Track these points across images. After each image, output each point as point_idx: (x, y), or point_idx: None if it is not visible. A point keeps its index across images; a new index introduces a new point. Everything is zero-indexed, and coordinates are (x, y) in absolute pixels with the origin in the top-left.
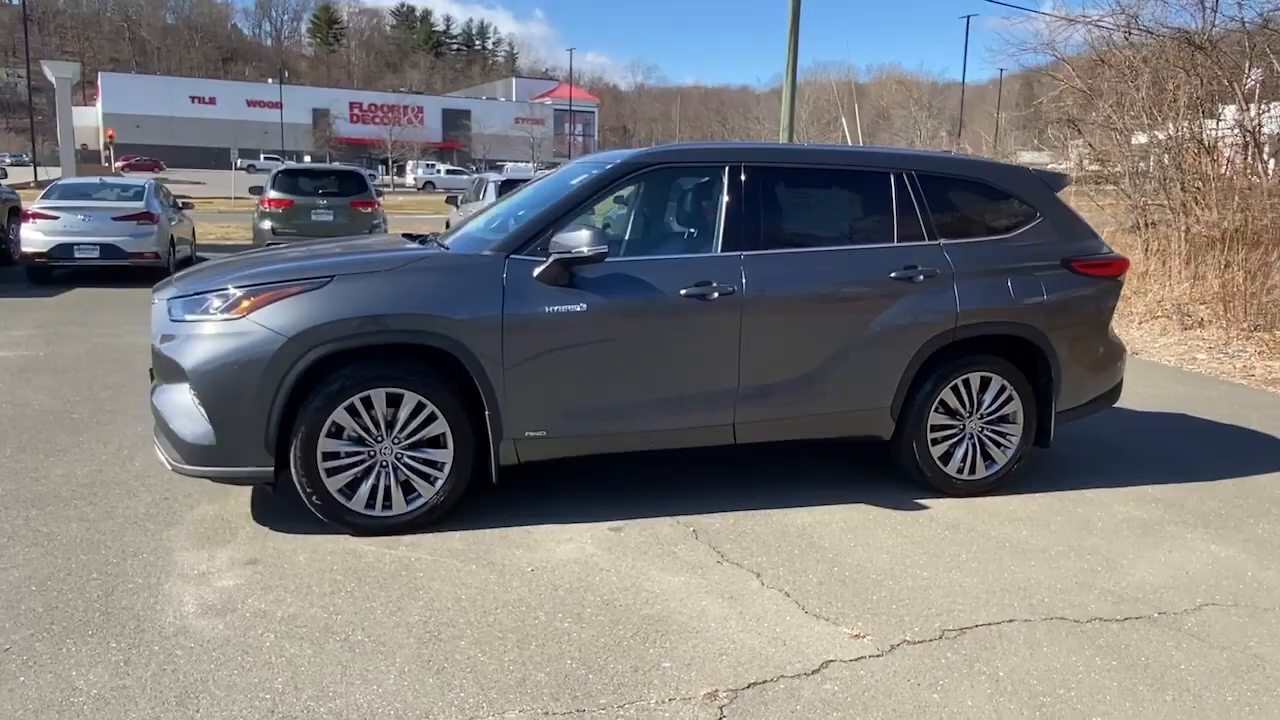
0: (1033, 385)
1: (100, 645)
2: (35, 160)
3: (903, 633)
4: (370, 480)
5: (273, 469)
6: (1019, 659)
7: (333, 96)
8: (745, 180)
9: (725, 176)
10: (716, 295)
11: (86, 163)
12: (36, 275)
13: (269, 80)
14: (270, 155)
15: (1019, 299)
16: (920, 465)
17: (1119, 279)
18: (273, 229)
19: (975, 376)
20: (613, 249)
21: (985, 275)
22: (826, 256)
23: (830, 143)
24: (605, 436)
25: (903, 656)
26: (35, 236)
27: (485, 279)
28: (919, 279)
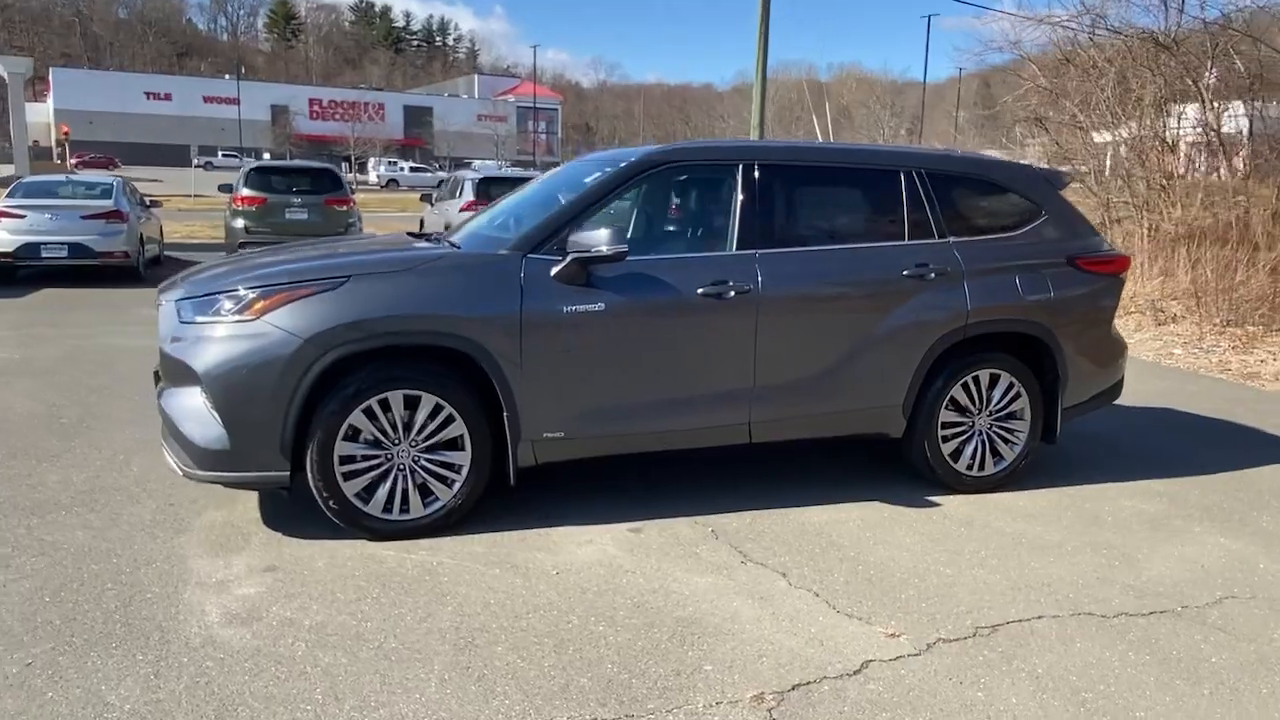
0: (1039, 382)
1: (126, 658)
2: None
3: (937, 631)
4: (387, 484)
5: (288, 473)
6: (1055, 655)
7: (292, 93)
8: (759, 178)
9: (739, 174)
10: (733, 294)
11: (39, 160)
12: (2, 275)
13: (226, 76)
14: (228, 152)
15: (1027, 296)
16: (931, 462)
17: (1121, 276)
18: (246, 227)
19: (985, 374)
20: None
21: (994, 273)
22: (840, 255)
23: (832, 141)
24: (623, 437)
25: (941, 655)
26: (0, 236)
27: (503, 279)
28: (930, 277)
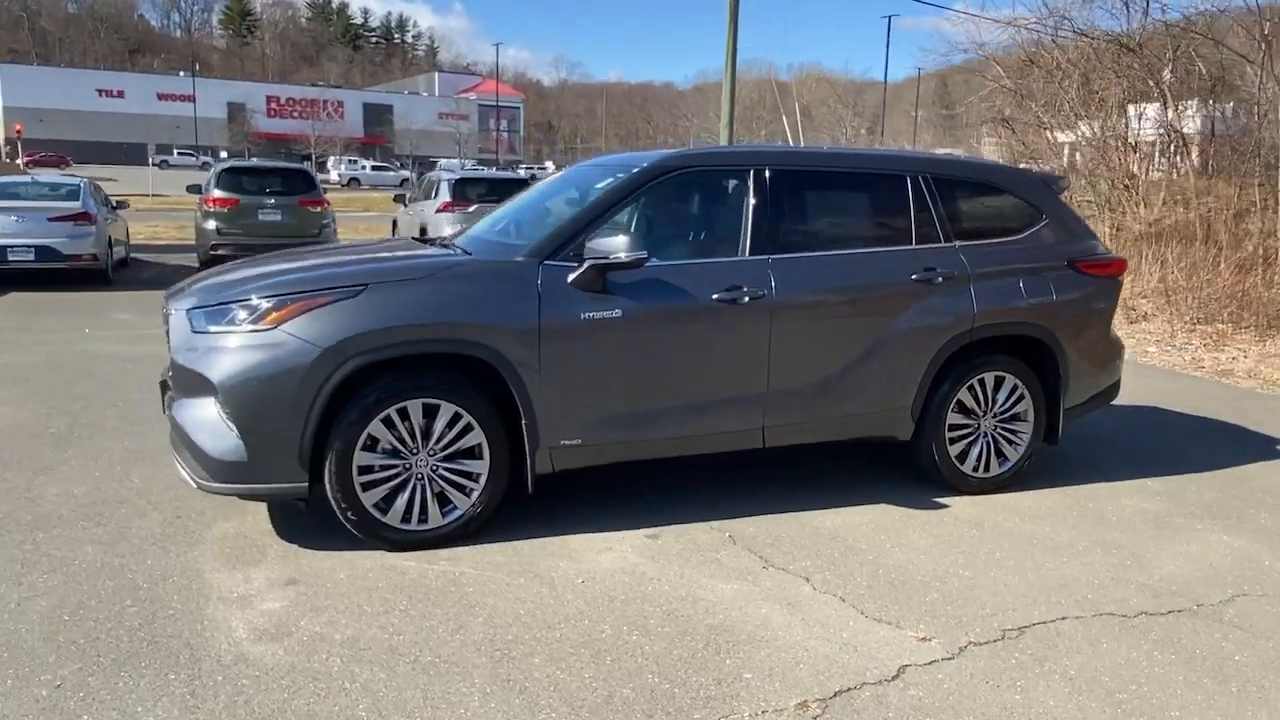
0: (1042, 383)
1: (158, 677)
2: None
3: (966, 634)
4: (406, 494)
5: (307, 484)
6: (1084, 656)
7: (249, 90)
8: (770, 183)
9: (751, 180)
10: (748, 299)
11: None
12: None
13: (180, 73)
14: (184, 151)
15: (1030, 299)
16: (939, 464)
17: (1119, 278)
18: (218, 229)
19: (990, 376)
20: None
21: (999, 276)
22: (851, 259)
23: (833, 144)
24: (638, 444)
25: (973, 658)
26: None
27: (521, 285)
28: (938, 281)
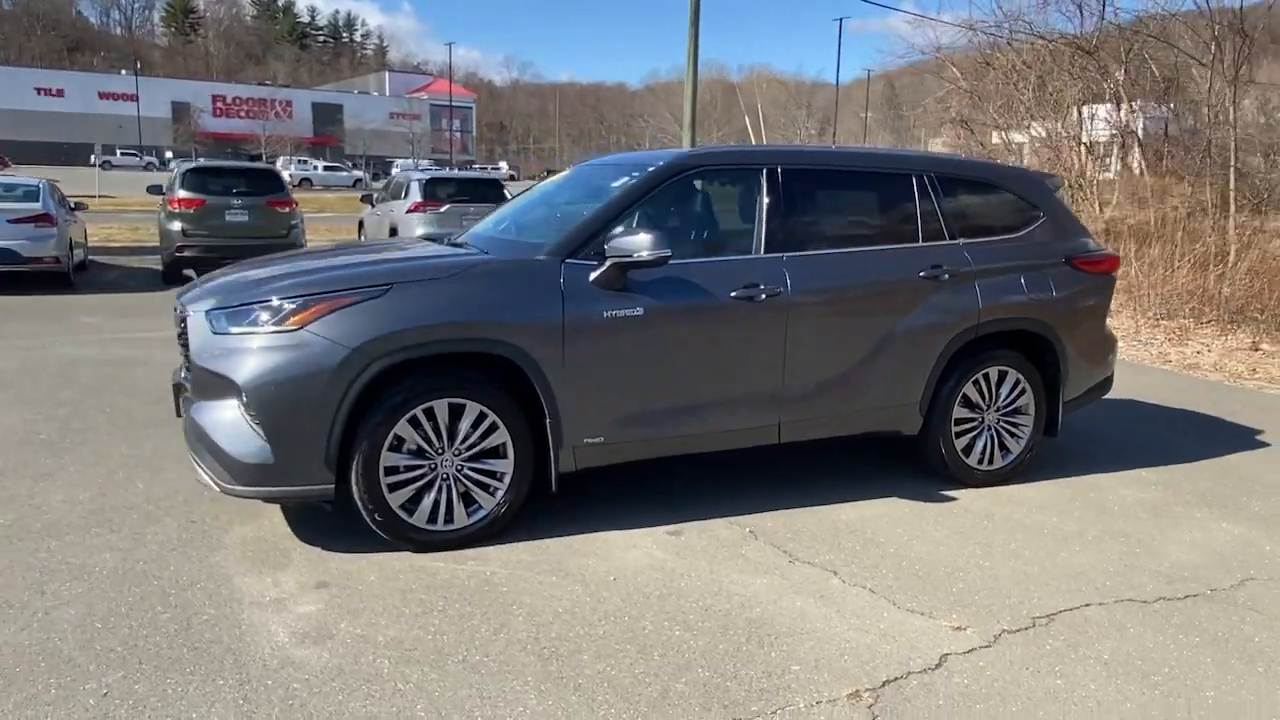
0: (1042, 377)
1: (207, 683)
2: None
3: (998, 623)
4: (432, 494)
5: (333, 486)
6: (1114, 641)
7: (194, 89)
8: (784, 182)
9: (764, 179)
10: (764, 296)
11: None
12: None
13: (122, 71)
14: (128, 151)
15: (1032, 295)
16: (946, 458)
17: (1113, 274)
18: (183, 230)
19: (994, 370)
20: None
21: (1001, 273)
22: (863, 257)
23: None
24: (658, 441)
25: (1010, 646)
26: None
27: (545, 284)
28: (945, 278)
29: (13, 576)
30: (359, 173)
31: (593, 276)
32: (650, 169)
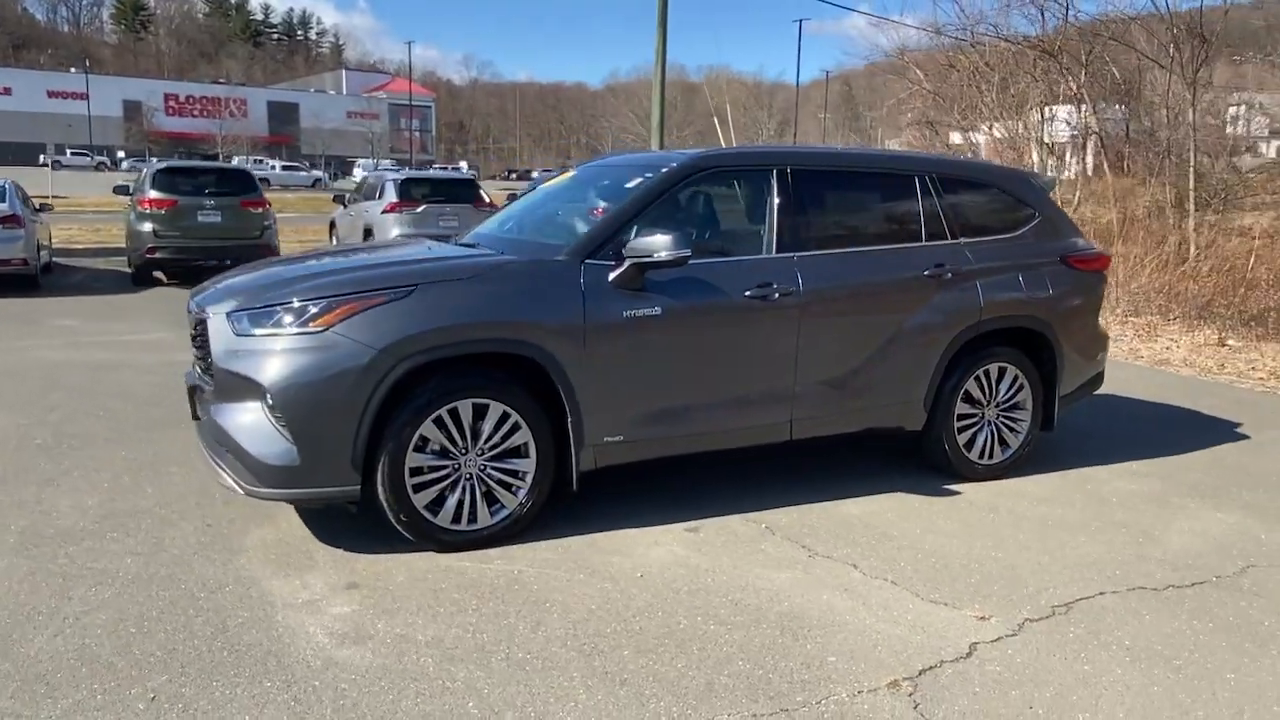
0: (1039, 373)
1: (254, 685)
2: None
3: (1020, 612)
4: (455, 494)
5: (359, 487)
6: (1133, 628)
7: (147, 88)
8: (794, 182)
9: (775, 179)
10: (778, 296)
11: None
12: None
13: (71, 69)
14: (78, 150)
15: (1030, 293)
16: (948, 453)
17: (1104, 272)
18: (154, 231)
19: (994, 367)
20: None
21: (1001, 272)
22: (870, 256)
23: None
24: (675, 439)
25: (1034, 634)
26: None
27: (566, 284)
28: (947, 276)
29: (35, 583)
30: (318, 173)
31: (612, 277)
32: (664, 170)
